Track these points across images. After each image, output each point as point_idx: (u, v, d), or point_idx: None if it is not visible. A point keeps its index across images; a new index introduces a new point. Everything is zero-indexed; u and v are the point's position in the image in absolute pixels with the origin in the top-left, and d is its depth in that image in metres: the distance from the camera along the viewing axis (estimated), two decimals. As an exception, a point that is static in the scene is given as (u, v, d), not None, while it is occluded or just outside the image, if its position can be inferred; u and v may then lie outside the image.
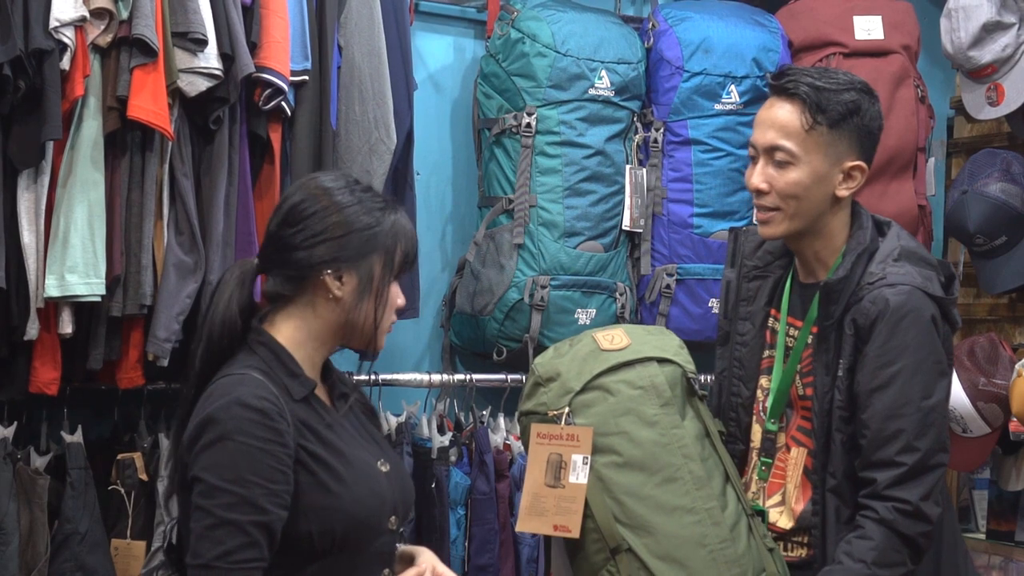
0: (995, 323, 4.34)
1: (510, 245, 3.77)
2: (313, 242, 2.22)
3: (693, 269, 3.96)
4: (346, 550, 2.21)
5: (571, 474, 2.47)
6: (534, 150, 3.77)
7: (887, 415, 2.49)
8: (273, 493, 2.11)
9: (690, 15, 3.99)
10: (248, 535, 2.09)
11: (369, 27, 3.45)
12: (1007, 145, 4.30)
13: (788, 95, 2.58)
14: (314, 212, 2.23)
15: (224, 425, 2.11)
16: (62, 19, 2.94)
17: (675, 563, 2.44)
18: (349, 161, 3.43)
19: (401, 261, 2.28)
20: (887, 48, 4.10)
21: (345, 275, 2.23)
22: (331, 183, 2.28)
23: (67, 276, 3.01)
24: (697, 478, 2.51)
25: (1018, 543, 4.14)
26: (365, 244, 2.23)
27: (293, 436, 2.16)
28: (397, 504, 2.29)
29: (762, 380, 2.73)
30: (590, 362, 2.57)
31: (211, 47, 3.12)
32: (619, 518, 2.45)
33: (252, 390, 2.14)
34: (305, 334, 2.26)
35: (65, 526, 3.17)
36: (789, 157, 2.57)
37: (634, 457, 2.49)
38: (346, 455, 2.23)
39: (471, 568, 3.60)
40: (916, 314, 2.52)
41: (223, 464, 2.10)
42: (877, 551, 2.45)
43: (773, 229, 2.63)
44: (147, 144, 3.12)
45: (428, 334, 4.04)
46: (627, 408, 2.53)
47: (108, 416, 3.44)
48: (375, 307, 2.25)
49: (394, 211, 2.29)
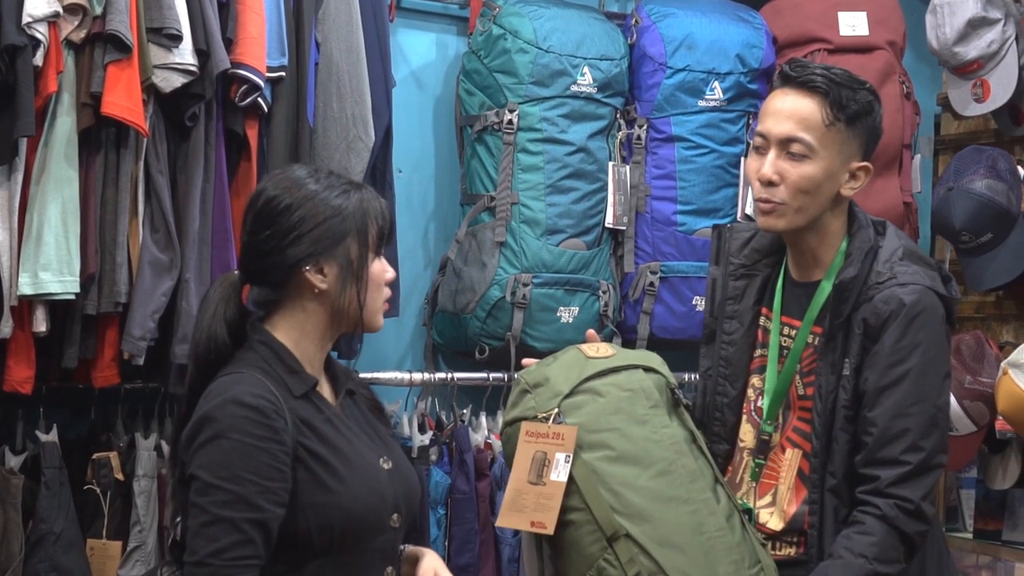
0: (982, 321, 4.33)
1: (492, 243, 3.75)
2: (286, 242, 2.21)
3: (677, 267, 3.94)
4: (346, 548, 2.21)
5: (552, 472, 2.46)
6: (516, 147, 3.75)
7: (895, 413, 2.49)
8: (268, 491, 2.11)
9: (673, 11, 3.97)
10: (242, 532, 2.09)
11: (347, 23, 3.43)
12: (994, 142, 4.28)
13: (808, 88, 2.55)
14: (280, 212, 2.22)
15: (220, 423, 2.12)
16: (35, 15, 2.93)
17: (674, 548, 2.41)
18: (327, 158, 3.41)
19: (376, 236, 2.27)
20: (872, 44, 4.08)
21: (325, 266, 2.23)
22: (291, 176, 2.27)
23: (41, 274, 2.99)
24: (690, 471, 2.49)
25: (1005, 542, 4.13)
26: (336, 229, 2.23)
27: (292, 434, 2.16)
28: (400, 502, 2.29)
29: (753, 379, 2.71)
30: (577, 368, 2.55)
31: (186, 43, 3.10)
32: (615, 508, 2.43)
33: (249, 388, 2.15)
34: (300, 332, 2.26)
35: (40, 526, 3.15)
36: (807, 150, 2.54)
37: (627, 451, 2.47)
38: (345, 452, 2.23)
39: (451, 568, 3.53)
40: (929, 313, 2.52)
41: (218, 462, 2.11)
42: (878, 547, 2.45)
43: (776, 221, 2.59)
44: (122, 141, 3.10)
45: (411, 333, 4.02)
46: (617, 407, 2.50)
47: (85, 415, 3.43)
48: (358, 289, 2.25)
49: (358, 190, 2.28)
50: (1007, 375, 3.75)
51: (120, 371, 3.17)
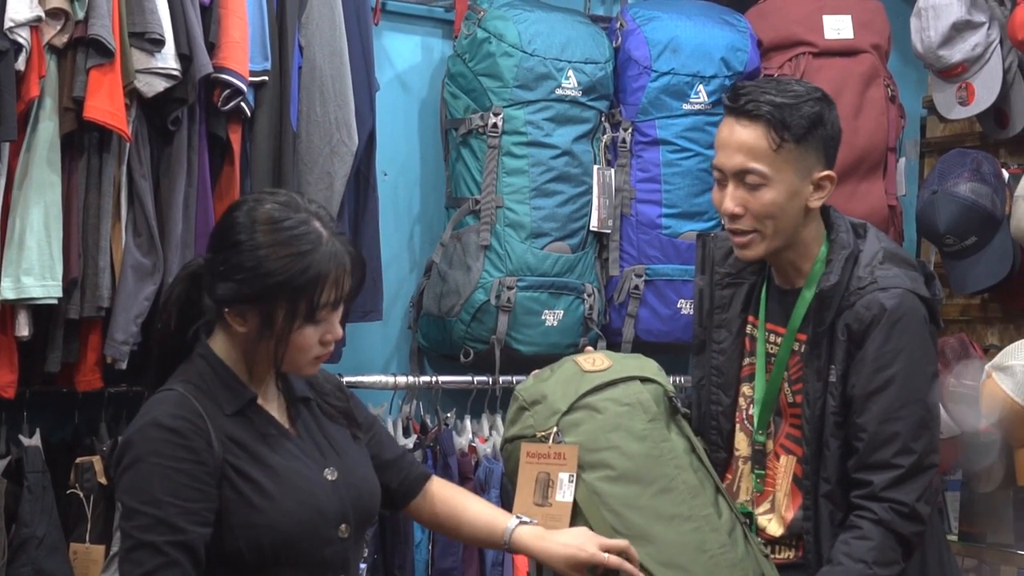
0: (967, 323, 4.33)
1: (476, 246, 3.75)
2: (218, 277, 2.20)
3: (662, 270, 3.94)
4: (286, 563, 2.19)
5: (558, 492, 2.46)
6: (500, 150, 3.75)
7: (884, 418, 2.49)
8: (189, 512, 2.11)
9: (658, 15, 3.97)
10: (166, 555, 2.09)
11: (331, 28, 3.43)
12: (979, 145, 4.28)
13: (749, 116, 2.52)
14: (227, 245, 2.20)
15: (138, 447, 2.13)
16: (17, 19, 2.92)
17: (678, 569, 2.41)
18: (310, 162, 3.40)
19: (308, 309, 2.18)
20: (857, 48, 4.09)
21: (247, 314, 2.20)
22: (262, 214, 2.20)
23: (23, 278, 2.99)
24: (691, 487, 2.49)
25: (990, 545, 4.12)
26: (264, 292, 2.17)
27: (218, 452, 2.15)
28: (347, 512, 2.26)
29: (744, 388, 2.71)
30: (574, 383, 2.54)
31: (168, 47, 3.10)
32: (618, 529, 2.42)
33: (169, 409, 2.15)
34: (235, 352, 2.25)
35: (22, 530, 3.14)
36: (761, 179, 2.52)
37: (627, 470, 2.47)
38: (276, 468, 2.21)
39: (435, 572, 3.58)
40: (911, 317, 2.52)
41: (139, 486, 2.12)
42: (877, 551, 2.47)
43: (753, 251, 2.59)
44: (104, 145, 3.09)
45: (396, 336, 4.02)
46: (616, 424, 2.50)
47: (69, 419, 3.42)
48: (275, 348, 2.21)
49: (318, 251, 2.18)
50: (991, 378, 3.74)
51: (103, 375, 3.17)
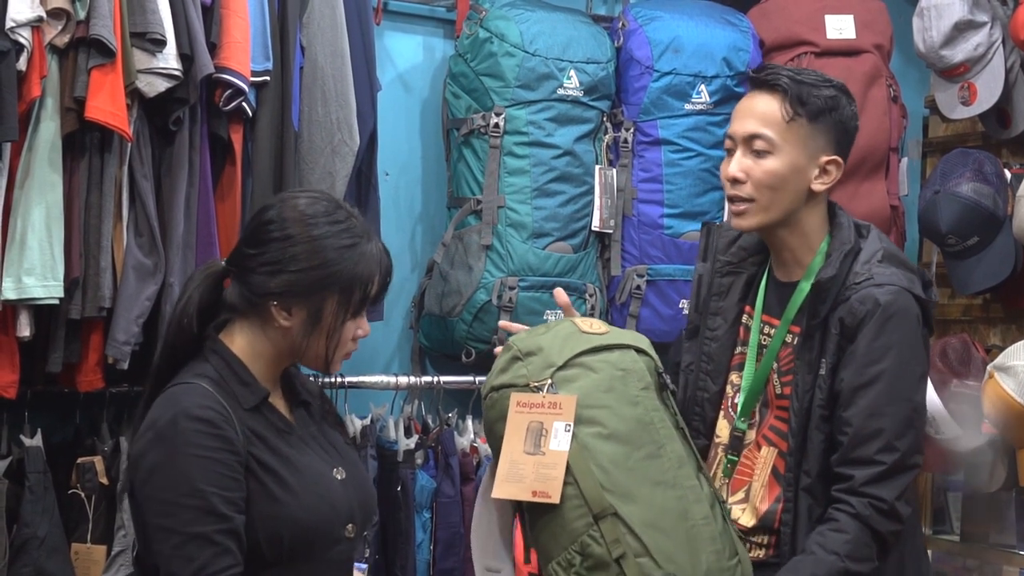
0: (969, 324, 4.32)
1: (478, 246, 3.75)
2: (268, 270, 2.20)
3: (663, 270, 3.94)
4: (299, 558, 2.19)
5: (552, 441, 2.40)
6: (502, 150, 3.75)
7: (869, 413, 2.50)
8: (230, 500, 2.11)
9: (660, 14, 3.97)
10: (218, 544, 2.08)
11: (332, 27, 3.43)
12: (982, 144, 4.27)
13: (768, 87, 2.61)
14: (276, 239, 2.20)
15: (172, 441, 2.11)
16: (18, 19, 2.92)
17: (660, 531, 2.40)
18: (311, 162, 3.40)
19: (360, 300, 2.23)
20: (859, 47, 4.08)
21: (294, 308, 2.21)
22: (308, 208, 2.23)
23: (24, 278, 2.99)
24: (679, 457, 2.49)
25: (992, 545, 4.12)
26: (319, 283, 2.20)
27: (243, 444, 2.15)
28: (354, 512, 2.27)
29: (732, 376, 2.73)
30: (572, 341, 2.53)
31: (170, 47, 3.10)
32: (605, 485, 2.41)
33: (197, 400, 2.14)
34: (254, 351, 2.25)
35: (24, 530, 3.14)
36: (768, 146, 2.58)
37: (618, 430, 2.45)
38: (295, 463, 2.22)
39: (436, 572, 3.58)
40: (904, 314, 2.54)
41: (176, 479, 2.09)
42: (851, 544, 2.47)
43: (747, 221, 2.63)
44: (106, 145, 3.09)
45: (398, 336, 4.02)
46: (611, 385, 2.49)
47: (70, 419, 3.42)
48: (326, 343, 2.23)
49: (367, 244, 2.23)
50: (993, 378, 3.73)
51: (105, 375, 3.17)
